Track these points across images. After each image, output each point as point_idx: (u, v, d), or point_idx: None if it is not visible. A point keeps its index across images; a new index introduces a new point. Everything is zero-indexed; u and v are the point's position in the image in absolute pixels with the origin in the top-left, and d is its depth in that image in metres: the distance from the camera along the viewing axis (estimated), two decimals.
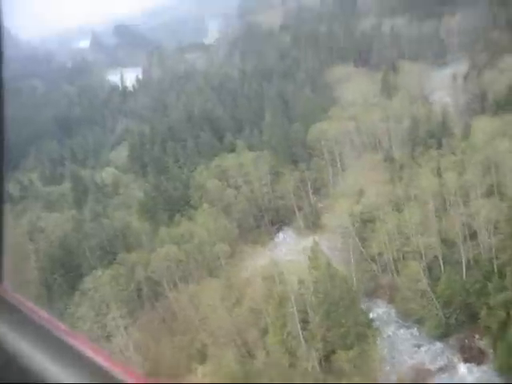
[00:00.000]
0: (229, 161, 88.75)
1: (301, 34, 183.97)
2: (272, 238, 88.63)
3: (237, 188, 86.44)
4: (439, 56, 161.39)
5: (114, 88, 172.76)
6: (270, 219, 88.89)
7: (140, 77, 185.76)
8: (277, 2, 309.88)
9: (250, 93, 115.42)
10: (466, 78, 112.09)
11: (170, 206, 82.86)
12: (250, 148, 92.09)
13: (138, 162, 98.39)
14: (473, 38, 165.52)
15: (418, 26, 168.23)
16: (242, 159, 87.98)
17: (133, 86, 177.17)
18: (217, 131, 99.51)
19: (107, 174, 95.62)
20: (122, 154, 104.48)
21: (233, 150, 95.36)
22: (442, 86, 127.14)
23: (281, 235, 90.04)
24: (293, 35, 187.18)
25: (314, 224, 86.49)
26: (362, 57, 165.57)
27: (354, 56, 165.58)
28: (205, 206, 78.57)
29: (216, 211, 79.66)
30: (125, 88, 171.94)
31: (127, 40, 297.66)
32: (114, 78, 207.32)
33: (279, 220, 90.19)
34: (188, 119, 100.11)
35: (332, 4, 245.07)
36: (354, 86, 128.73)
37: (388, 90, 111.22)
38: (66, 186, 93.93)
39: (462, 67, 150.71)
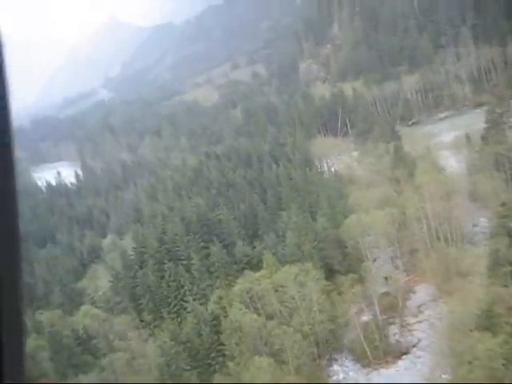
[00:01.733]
0: (260, 282, 64.01)
1: (254, 108, 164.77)
2: (328, 375, 64.11)
3: (278, 319, 61.65)
4: (407, 116, 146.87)
5: (52, 189, 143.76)
6: (321, 351, 64.49)
7: (79, 172, 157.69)
8: (201, 79, 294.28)
9: (239, 181, 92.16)
10: (484, 137, 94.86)
11: (198, 361, 56.62)
12: (280, 260, 68.06)
13: (125, 294, 71.42)
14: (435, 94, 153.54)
15: (379, 88, 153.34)
16: (278, 277, 63.58)
17: (72, 184, 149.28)
18: (221, 240, 74.97)
19: (87, 318, 67.65)
20: (98, 282, 76.94)
21: (249, 264, 71.13)
22: (439, 148, 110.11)
23: (337, 369, 65.39)
24: (244, 110, 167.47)
25: (385, 352, 63.10)
26: (333, 126, 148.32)
27: (319, 126, 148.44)
28: (256, 359, 52.90)
29: (268, 361, 54.28)
30: (65, 187, 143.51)
31: (48, 133, 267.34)
32: (41, 175, 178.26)
33: (329, 348, 65.85)
34: (186, 228, 74.77)
35: (267, 76, 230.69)
36: (350, 160, 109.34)
37: (402, 161, 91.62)
38: (32, 343, 64.74)
39: (444, 125, 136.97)
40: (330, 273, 70.83)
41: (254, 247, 73.12)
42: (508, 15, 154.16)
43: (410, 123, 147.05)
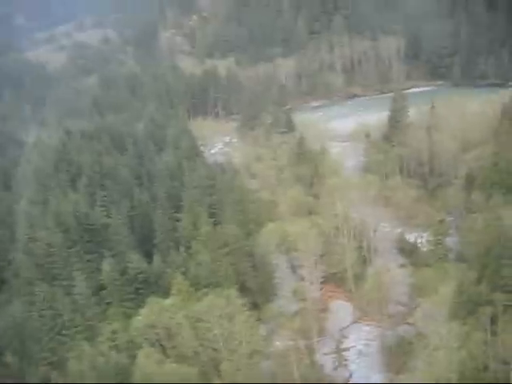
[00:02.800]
0: (171, 313, 49.24)
1: (112, 78, 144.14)
2: None
3: (194, 361, 47.74)
4: (281, 102, 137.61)
5: None
6: None
7: None
8: (42, 36, 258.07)
9: (119, 170, 74.88)
10: (387, 137, 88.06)
11: None
12: (192, 282, 53.69)
13: None
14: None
15: (253, 70, 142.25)
16: (195, 309, 49.39)
17: None
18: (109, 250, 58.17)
19: None
20: None
21: (146, 282, 55.78)
22: (333, 140, 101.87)
23: None
24: (102, 78, 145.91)
25: None
26: (204, 105, 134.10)
27: (189, 104, 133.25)
28: None
29: None
30: None
31: None
32: None
33: None
34: (64, 235, 56.41)
35: (120, 43, 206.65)
36: (238, 150, 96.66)
37: (306, 157, 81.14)
38: None
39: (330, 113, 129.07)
40: (242, 292, 58.19)
41: (150, 261, 57.61)
42: (379, 9, 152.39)
43: (285, 109, 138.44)
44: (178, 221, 63.18)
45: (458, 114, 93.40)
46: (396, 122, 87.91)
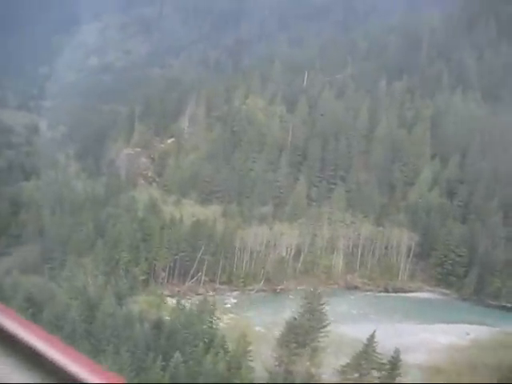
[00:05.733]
0: None
1: (63, 192, 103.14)
2: None
3: None
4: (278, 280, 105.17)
5: None
6: None
7: None
8: None
9: None
10: None
11: None
12: None
13: None
14: None
15: (249, 230, 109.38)
16: None
17: None
18: None
19: None
20: None
21: None
22: None
23: None
24: (49, 193, 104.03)
25: None
26: (186, 267, 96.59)
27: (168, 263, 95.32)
28: None
29: None
30: None
31: None
32: None
33: None
34: None
35: (54, 137, 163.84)
36: None
37: None
38: None
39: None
40: None
41: None
42: (383, 192, 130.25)
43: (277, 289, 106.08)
44: None
45: None
46: None
